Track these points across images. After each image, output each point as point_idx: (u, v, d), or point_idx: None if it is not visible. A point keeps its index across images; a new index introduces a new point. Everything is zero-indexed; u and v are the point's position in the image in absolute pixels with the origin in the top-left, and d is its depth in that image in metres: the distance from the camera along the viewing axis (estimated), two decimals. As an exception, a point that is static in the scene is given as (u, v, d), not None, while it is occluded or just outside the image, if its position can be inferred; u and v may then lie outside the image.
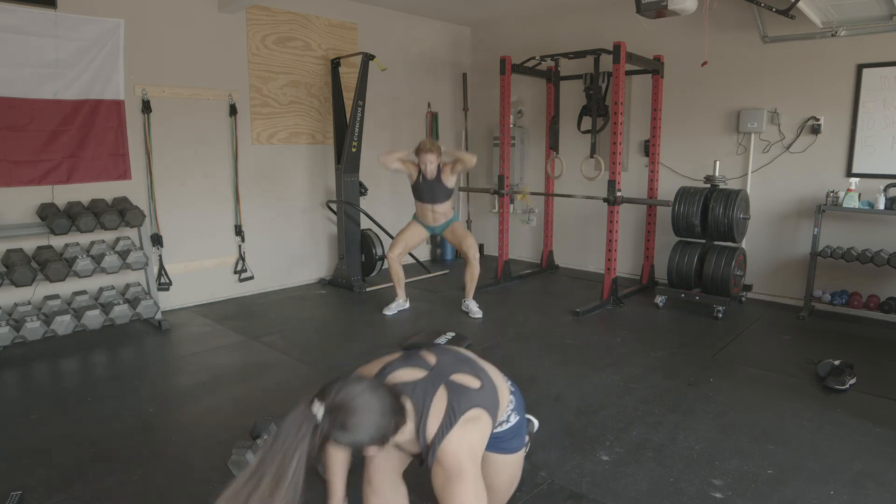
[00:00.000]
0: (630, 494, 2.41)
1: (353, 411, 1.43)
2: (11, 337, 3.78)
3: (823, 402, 3.28)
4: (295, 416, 1.40)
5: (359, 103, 5.43)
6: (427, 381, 1.64)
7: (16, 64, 4.00)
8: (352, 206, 5.58)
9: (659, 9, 3.77)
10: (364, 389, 1.46)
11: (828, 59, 4.81)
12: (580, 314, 4.81)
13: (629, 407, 3.20)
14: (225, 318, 4.76)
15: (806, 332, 4.48)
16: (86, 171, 4.38)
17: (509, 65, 5.67)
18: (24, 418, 3.08)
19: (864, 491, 2.44)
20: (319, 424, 1.40)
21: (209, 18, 4.94)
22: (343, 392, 1.43)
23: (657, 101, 5.53)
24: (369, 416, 1.45)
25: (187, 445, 2.81)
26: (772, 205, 5.22)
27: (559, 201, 6.45)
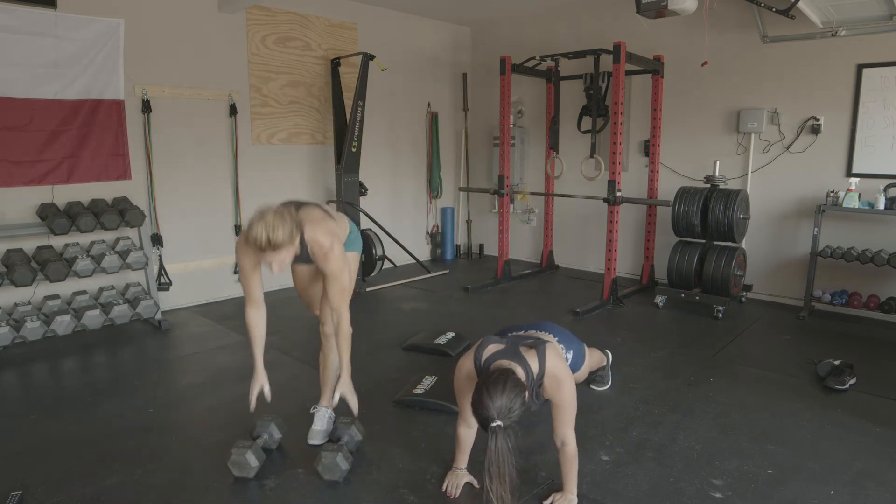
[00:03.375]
0: (630, 494, 2.41)
1: (513, 408, 2.01)
2: (11, 337, 3.78)
3: (823, 402, 3.27)
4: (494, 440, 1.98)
5: (359, 103, 5.43)
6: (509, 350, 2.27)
7: (16, 64, 4.00)
8: (352, 206, 5.58)
9: (659, 9, 3.77)
10: (505, 389, 2.01)
11: (828, 59, 4.81)
12: (580, 314, 4.81)
13: (629, 407, 3.20)
14: (225, 318, 4.76)
15: (806, 332, 4.48)
16: (86, 171, 4.38)
17: (509, 65, 5.67)
18: (24, 418, 3.08)
19: (864, 491, 2.44)
20: (505, 428, 1.99)
21: (209, 18, 4.94)
22: (498, 401, 1.99)
23: (657, 101, 5.53)
24: (519, 400, 2.04)
25: (187, 445, 2.81)
26: (772, 205, 5.22)
27: (559, 201, 6.46)
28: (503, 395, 2.00)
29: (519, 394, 2.04)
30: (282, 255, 2.27)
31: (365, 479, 2.53)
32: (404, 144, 6.72)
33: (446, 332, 4.21)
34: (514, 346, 2.28)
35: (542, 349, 2.28)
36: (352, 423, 2.75)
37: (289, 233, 2.23)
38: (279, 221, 2.22)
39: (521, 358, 2.22)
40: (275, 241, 2.19)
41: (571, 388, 2.29)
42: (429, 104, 6.88)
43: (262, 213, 2.25)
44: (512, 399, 2.01)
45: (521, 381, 2.11)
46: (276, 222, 2.21)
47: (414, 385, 3.34)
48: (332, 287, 2.50)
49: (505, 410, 1.98)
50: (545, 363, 2.23)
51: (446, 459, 2.59)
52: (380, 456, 2.70)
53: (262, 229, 2.18)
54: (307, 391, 3.33)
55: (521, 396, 2.04)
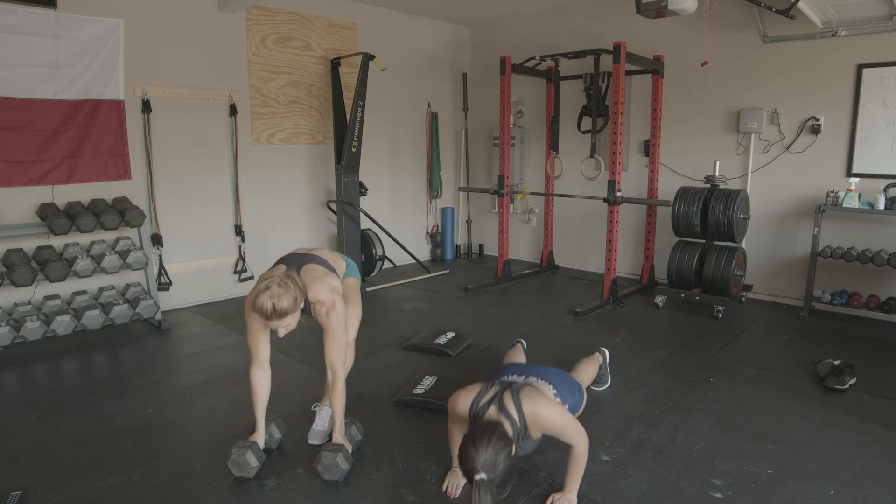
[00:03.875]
0: (630, 494, 2.41)
1: (498, 462, 2.03)
2: (11, 337, 3.78)
3: (823, 402, 3.27)
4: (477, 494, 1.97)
5: (359, 103, 5.43)
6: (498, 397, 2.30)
7: (16, 64, 4.00)
8: (352, 206, 5.58)
9: (659, 9, 3.77)
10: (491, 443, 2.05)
11: (828, 59, 4.81)
12: (580, 314, 4.81)
13: (629, 407, 3.20)
14: (225, 318, 4.76)
15: (806, 332, 4.48)
16: (86, 171, 4.38)
17: (509, 65, 5.67)
18: (24, 418, 3.08)
19: (864, 491, 2.44)
20: (489, 481, 2.00)
21: (209, 18, 4.94)
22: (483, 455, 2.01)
23: (657, 101, 5.53)
24: (505, 454, 2.07)
25: (187, 445, 2.81)
26: (772, 205, 5.22)
27: (559, 201, 6.46)
28: (488, 448, 2.02)
29: (505, 447, 2.07)
30: (287, 321, 2.37)
31: (365, 479, 2.53)
32: (404, 144, 6.72)
33: (446, 332, 4.22)
34: (500, 396, 2.30)
35: (516, 393, 2.30)
36: (352, 423, 2.75)
37: (293, 300, 2.33)
38: (284, 290, 2.32)
39: (505, 410, 2.25)
40: (280, 309, 2.30)
41: (557, 415, 2.31)
42: (429, 104, 6.88)
43: (267, 283, 2.34)
44: (497, 452, 2.03)
45: (507, 434, 2.14)
46: (280, 291, 2.31)
47: (414, 385, 3.34)
48: (330, 343, 2.55)
49: (490, 464, 2.01)
50: (522, 410, 2.26)
51: (446, 459, 2.59)
52: (380, 456, 2.70)
53: (268, 299, 2.29)
54: (307, 391, 3.33)
55: (507, 449, 2.08)
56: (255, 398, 2.65)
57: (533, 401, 2.28)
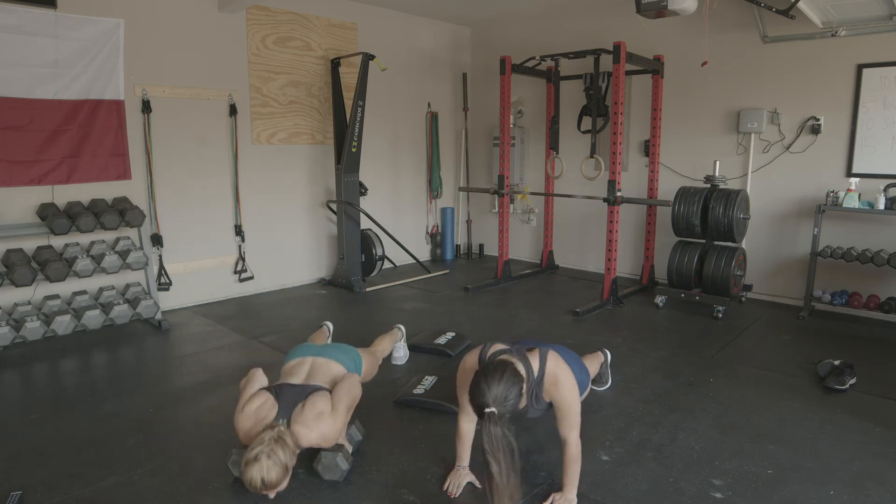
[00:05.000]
0: (630, 494, 2.41)
1: (509, 397, 2.05)
2: (11, 337, 3.78)
3: (823, 402, 3.28)
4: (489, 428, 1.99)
5: (359, 103, 5.43)
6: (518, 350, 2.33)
7: (16, 64, 4.00)
8: (352, 206, 5.58)
9: (659, 9, 3.77)
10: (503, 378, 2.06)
11: (828, 59, 4.81)
12: (580, 314, 4.81)
13: (629, 407, 3.20)
14: (225, 318, 4.76)
15: (806, 332, 4.48)
16: (86, 171, 4.38)
17: (509, 65, 5.67)
18: (24, 418, 3.08)
19: (864, 491, 2.44)
20: (500, 414, 2.01)
21: (209, 18, 4.94)
22: (494, 388, 2.03)
23: (657, 101, 5.53)
24: (516, 390, 2.08)
25: (187, 445, 2.81)
26: (772, 205, 5.22)
27: (559, 201, 6.46)
28: (500, 383, 2.05)
29: (516, 383, 2.09)
30: (279, 488, 2.29)
31: (365, 479, 2.53)
32: (404, 144, 6.72)
33: (446, 332, 4.22)
34: (520, 348, 2.35)
35: (544, 352, 2.34)
36: (352, 423, 2.75)
37: (282, 470, 2.24)
38: (273, 463, 2.21)
39: (523, 357, 2.29)
40: (269, 483, 2.20)
41: (572, 388, 2.34)
42: (429, 104, 6.88)
43: (256, 454, 2.21)
44: (508, 388, 2.05)
45: (519, 372, 2.16)
46: (269, 464, 2.21)
47: (414, 385, 3.34)
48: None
49: (501, 398, 2.03)
50: (546, 364, 2.30)
51: (446, 459, 2.59)
52: (380, 456, 2.70)
53: (257, 473, 2.18)
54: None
55: (517, 386, 2.09)
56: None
57: (558, 363, 2.32)
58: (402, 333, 3.86)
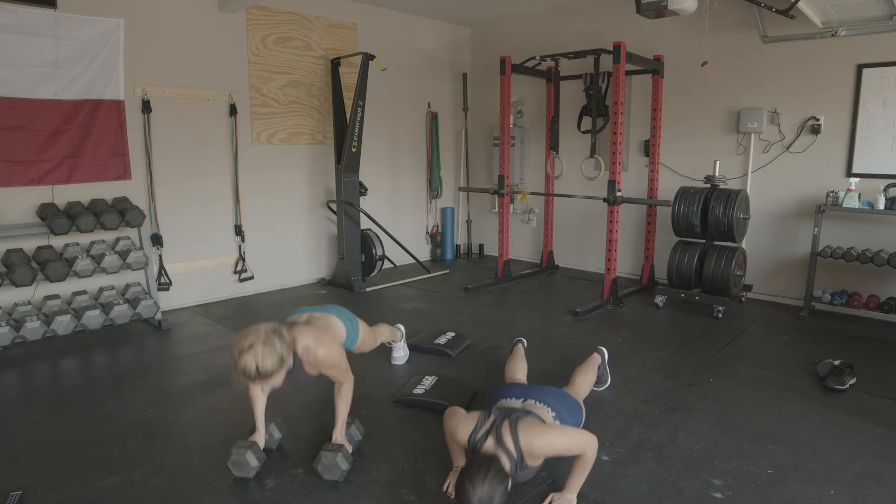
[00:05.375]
0: (630, 494, 2.41)
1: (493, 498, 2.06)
2: (11, 337, 3.78)
3: (823, 402, 3.28)
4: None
5: (359, 103, 5.43)
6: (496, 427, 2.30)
7: (16, 64, 4.00)
8: (352, 206, 5.58)
9: (659, 9, 3.77)
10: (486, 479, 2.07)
11: (828, 59, 4.81)
12: (580, 314, 4.81)
13: (629, 407, 3.20)
14: (225, 318, 4.76)
15: (806, 332, 4.48)
16: (86, 171, 4.38)
17: (509, 65, 5.67)
18: (24, 418, 3.08)
19: (864, 491, 2.44)
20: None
21: (209, 18, 4.94)
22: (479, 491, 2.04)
23: (657, 101, 5.53)
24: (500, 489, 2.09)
25: (187, 445, 2.81)
26: (772, 205, 5.22)
27: (559, 201, 6.46)
28: (484, 484, 2.05)
29: (501, 482, 2.09)
30: (273, 381, 2.26)
31: (365, 479, 2.53)
32: (404, 144, 6.72)
33: (446, 332, 4.22)
34: (499, 427, 2.29)
35: (514, 425, 2.29)
36: (352, 423, 2.75)
37: (278, 360, 2.21)
38: (268, 350, 2.19)
39: (503, 442, 2.26)
40: (264, 371, 2.17)
41: (554, 439, 2.32)
42: (429, 104, 6.88)
43: (250, 341, 2.20)
44: (494, 488, 2.06)
45: (503, 469, 2.14)
46: (265, 351, 2.18)
47: (414, 385, 3.34)
48: (331, 374, 2.57)
49: (486, 500, 2.04)
50: (518, 441, 2.26)
51: (446, 459, 2.59)
52: (380, 456, 2.70)
53: (251, 359, 2.16)
54: (306, 391, 3.33)
55: (502, 485, 2.09)
56: (252, 400, 2.65)
57: (530, 432, 2.27)
58: (402, 333, 3.86)
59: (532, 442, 2.25)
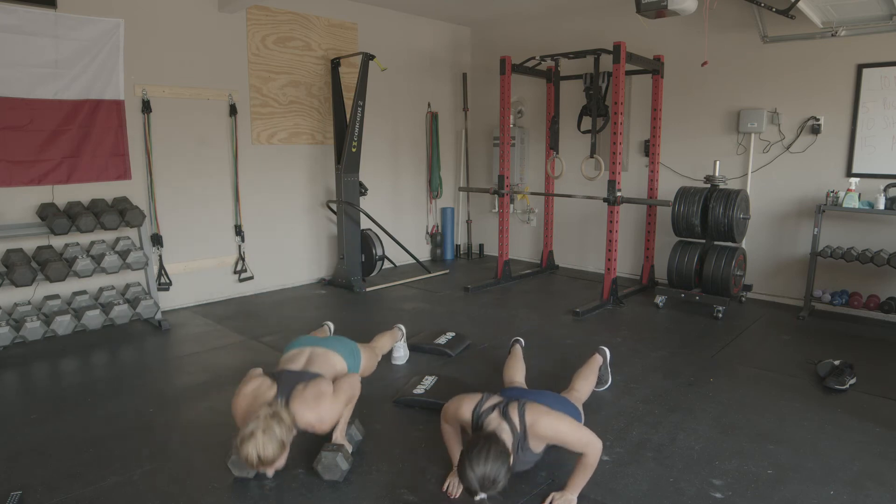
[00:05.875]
0: (630, 494, 2.41)
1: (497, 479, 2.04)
2: (11, 337, 3.78)
3: (823, 402, 3.28)
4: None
5: (359, 103, 5.43)
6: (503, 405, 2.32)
7: (16, 64, 4.00)
8: (352, 206, 5.58)
9: (659, 9, 3.77)
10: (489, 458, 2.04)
11: (828, 59, 4.81)
12: (580, 314, 4.81)
13: (629, 407, 3.20)
14: (225, 318, 4.76)
15: (806, 332, 4.48)
16: (86, 171, 4.38)
17: (509, 65, 5.67)
18: (24, 418, 3.08)
19: (864, 491, 2.44)
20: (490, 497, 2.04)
21: (209, 18, 4.94)
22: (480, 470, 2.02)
23: (657, 101, 5.53)
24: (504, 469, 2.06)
25: (187, 445, 2.81)
26: (772, 205, 5.22)
27: (559, 201, 6.46)
28: (486, 463, 2.02)
29: (503, 462, 2.06)
30: (276, 465, 2.26)
31: (365, 479, 2.53)
32: (404, 144, 6.72)
33: (446, 332, 4.22)
34: (506, 404, 2.32)
35: (521, 406, 2.31)
36: (352, 423, 2.75)
37: (279, 446, 2.21)
38: (268, 439, 2.18)
39: (507, 417, 2.27)
40: (265, 459, 2.17)
41: (558, 423, 2.30)
42: (429, 104, 6.88)
43: (251, 430, 2.19)
44: (497, 469, 2.03)
45: (505, 448, 2.12)
46: (265, 440, 2.18)
47: (414, 385, 3.34)
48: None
49: (489, 481, 2.01)
50: (524, 418, 2.27)
51: (446, 459, 2.59)
52: (380, 456, 2.70)
53: (252, 449, 2.16)
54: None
55: (504, 465, 2.06)
56: None
57: (536, 411, 2.29)
58: (403, 333, 3.86)
59: (538, 420, 2.25)
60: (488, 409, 2.29)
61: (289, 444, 2.29)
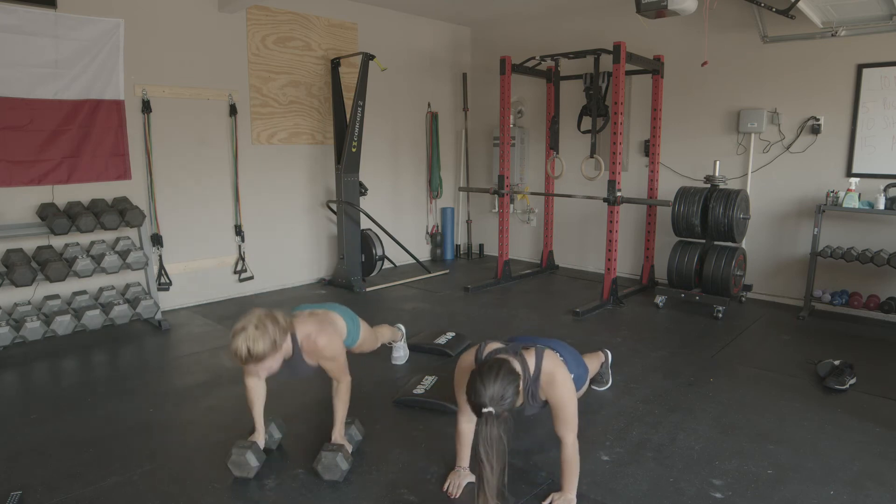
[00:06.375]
0: (630, 494, 2.41)
1: (505, 396, 2.05)
2: (11, 337, 3.78)
3: (823, 402, 3.28)
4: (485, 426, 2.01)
5: (359, 103, 5.43)
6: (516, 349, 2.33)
7: (16, 64, 4.00)
8: (352, 206, 5.58)
9: (659, 9, 3.77)
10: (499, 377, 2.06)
11: (828, 59, 4.81)
12: (580, 314, 4.81)
13: (629, 407, 3.20)
14: (225, 318, 4.76)
15: (806, 332, 4.48)
16: (86, 171, 4.38)
17: (509, 65, 5.67)
18: (24, 418, 3.08)
19: (864, 491, 2.44)
20: (497, 415, 2.03)
21: (209, 18, 4.94)
22: (490, 388, 2.03)
23: (657, 101, 5.53)
24: (512, 388, 2.08)
25: (187, 445, 2.81)
26: (772, 205, 5.22)
27: (559, 201, 6.46)
28: (496, 382, 2.05)
29: (512, 381, 2.09)
30: (267, 364, 2.23)
31: (365, 479, 2.53)
32: (404, 144, 6.72)
33: (446, 332, 4.22)
34: (516, 346, 2.35)
35: (540, 350, 2.35)
36: (352, 423, 2.75)
37: (270, 343, 2.19)
38: (260, 333, 2.18)
39: (519, 355, 2.29)
40: (255, 353, 2.15)
41: (568, 388, 2.33)
42: (429, 104, 6.88)
43: (243, 324, 2.19)
44: (505, 386, 2.06)
45: (515, 370, 2.15)
46: (256, 334, 2.17)
47: (414, 385, 3.34)
48: (329, 367, 2.55)
49: (497, 397, 2.03)
50: (542, 363, 2.30)
51: (446, 459, 2.59)
52: (380, 456, 2.70)
53: (243, 342, 2.14)
54: (306, 391, 3.33)
55: (514, 385, 2.10)
56: (251, 400, 2.65)
57: (554, 362, 2.32)
58: (403, 333, 3.86)
59: (554, 370, 2.28)
60: (493, 350, 2.31)
61: (282, 348, 2.25)
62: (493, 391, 2.04)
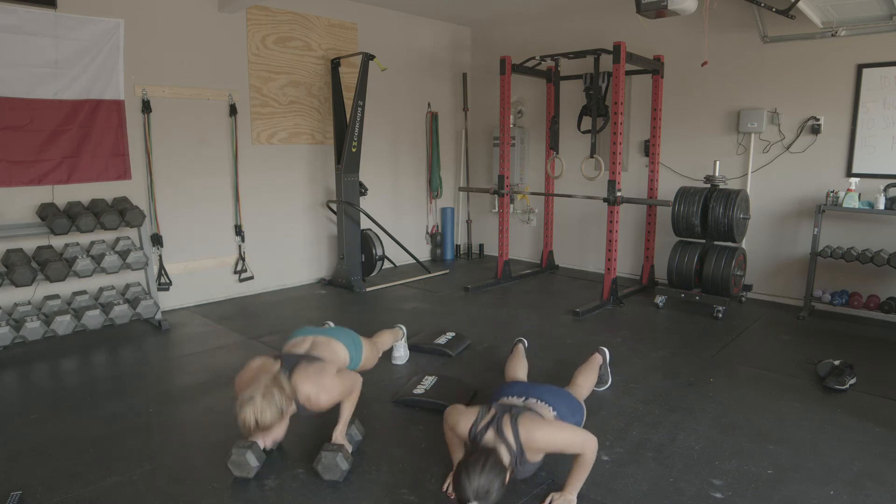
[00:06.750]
0: (630, 494, 2.41)
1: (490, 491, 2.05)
2: (11, 337, 3.78)
3: (823, 402, 3.28)
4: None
5: (359, 103, 5.43)
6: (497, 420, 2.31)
7: (16, 64, 4.00)
8: (352, 206, 5.58)
9: (659, 9, 3.77)
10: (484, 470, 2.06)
11: (828, 59, 4.81)
12: (580, 314, 4.81)
13: (629, 407, 3.20)
14: (225, 318, 4.76)
15: (806, 332, 4.48)
16: (86, 171, 4.38)
17: (509, 65, 5.67)
18: (24, 418, 3.08)
19: (864, 491, 2.44)
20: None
21: (209, 18, 4.94)
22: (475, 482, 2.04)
23: (657, 101, 5.53)
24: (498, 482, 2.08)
25: (187, 445, 2.81)
26: (772, 205, 5.22)
27: (559, 201, 6.46)
28: (481, 475, 2.04)
29: (498, 475, 2.08)
30: (274, 433, 2.28)
31: (365, 479, 2.53)
32: (404, 144, 6.72)
33: (446, 332, 4.22)
34: (499, 420, 2.30)
35: (514, 419, 2.29)
36: (352, 423, 2.75)
37: (277, 413, 2.23)
38: (268, 402, 2.21)
39: (503, 434, 2.26)
40: (263, 423, 2.19)
41: (555, 434, 2.31)
42: (429, 104, 6.88)
43: (251, 396, 2.21)
44: (491, 480, 2.05)
45: (501, 462, 2.14)
46: (264, 405, 2.20)
47: (414, 385, 3.34)
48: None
49: (482, 493, 2.03)
50: (518, 436, 2.26)
51: (446, 459, 2.59)
52: (380, 456, 2.70)
53: (251, 413, 2.18)
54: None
55: (500, 478, 2.09)
56: None
57: (529, 426, 2.27)
58: (403, 333, 3.86)
59: (531, 435, 2.25)
60: (483, 427, 2.29)
61: (287, 416, 2.29)
62: (479, 485, 2.03)
